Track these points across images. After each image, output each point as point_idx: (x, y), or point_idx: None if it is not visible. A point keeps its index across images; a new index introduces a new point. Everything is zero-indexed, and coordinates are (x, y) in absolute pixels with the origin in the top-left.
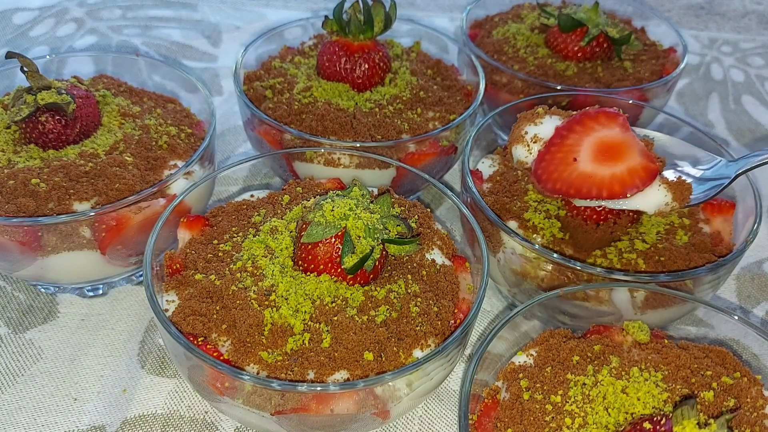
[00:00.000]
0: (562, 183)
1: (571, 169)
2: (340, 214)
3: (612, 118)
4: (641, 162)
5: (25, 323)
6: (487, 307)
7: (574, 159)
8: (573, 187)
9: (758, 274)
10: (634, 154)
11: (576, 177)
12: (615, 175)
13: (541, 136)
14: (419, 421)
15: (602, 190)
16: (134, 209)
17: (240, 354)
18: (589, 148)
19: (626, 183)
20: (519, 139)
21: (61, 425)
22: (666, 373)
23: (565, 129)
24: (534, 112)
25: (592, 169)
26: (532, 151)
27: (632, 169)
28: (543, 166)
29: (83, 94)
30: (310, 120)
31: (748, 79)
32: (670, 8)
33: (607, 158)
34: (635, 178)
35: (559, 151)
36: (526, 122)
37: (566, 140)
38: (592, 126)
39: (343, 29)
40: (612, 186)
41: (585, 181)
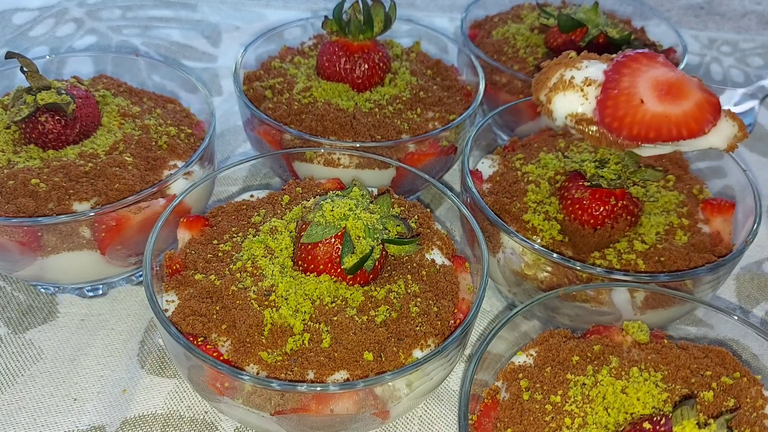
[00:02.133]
0: (639, 127)
1: (643, 112)
2: (339, 215)
3: (653, 57)
4: (704, 96)
5: (25, 323)
6: (487, 307)
7: (641, 101)
8: (652, 129)
9: (758, 274)
10: (693, 88)
11: (651, 118)
12: (687, 113)
13: (593, 79)
14: (419, 421)
15: (681, 129)
16: (134, 209)
17: (240, 354)
18: (648, 89)
19: (700, 118)
20: (566, 86)
21: (61, 425)
22: (666, 373)
23: (615, 72)
24: (568, 57)
25: (663, 108)
26: (588, 97)
27: (699, 104)
28: (609, 113)
29: (83, 94)
30: (310, 120)
31: (748, 79)
32: (669, 8)
33: (672, 97)
34: (705, 112)
35: (621, 94)
36: (562, 68)
37: (621, 83)
38: (638, 67)
39: (342, 29)
40: (689, 123)
41: (663, 122)
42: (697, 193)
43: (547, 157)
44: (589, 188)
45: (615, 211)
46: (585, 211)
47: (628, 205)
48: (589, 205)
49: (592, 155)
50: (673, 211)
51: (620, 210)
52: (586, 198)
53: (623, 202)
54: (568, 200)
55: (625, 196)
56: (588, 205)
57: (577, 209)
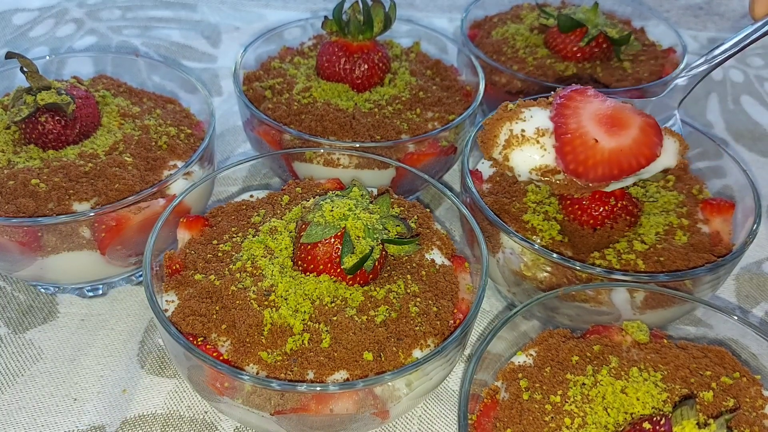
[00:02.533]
0: (602, 167)
1: (600, 151)
2: (339, 215)
3: (583, 92)
4: (643, 119)
5: (25, 323)
6: (487, 307)
7: (595, 140)
8: (614, 165)
9: (757, 274)
10: (631, 114)
11: (609, 156)
12: (636, 140)
13: (544, 128)
14: (419, 421)
15: (640, 158)
16: (134, 209)
17: (240, 354)
18: (595, 126)
19: (649, 143)
20: (521, 140)
21: (61, 425)
22: (665, 373)
23: (558, 117)
24: (507, 111)
25: (616, 142)
26: (546, 147)
27: (643, 129)
28: (571, 159)
29: (83, 94)
30: (310, 120)
31: (747, 79)
32: (669, 8)
33: (617, 128)
34: (651, 135)
35: (573, 137)
36: (506, 122)
37: (569, 126)
38: (576, 105)
39: (342, 30)
40: (642, 151)
41: (621, 156)
42: (696, 193)
43: None
44: None
45: (614, 212)
46: (584, 212)
47: (628, 205)
48: (589, 206)
49: None
50: (673, 211)
51: (620, 210)
52: (585, 198)
53: (623, 202)
54: (567, 200)
55: (624, 196)
56: (587, 205)
57: (576, 209)
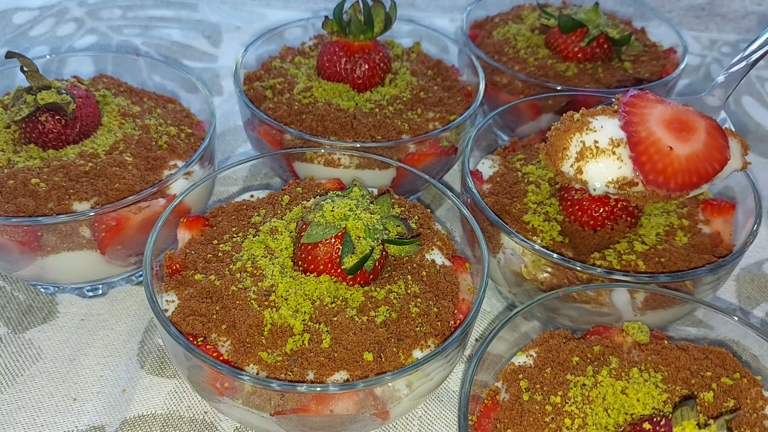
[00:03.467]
0: (682, 175)
1: (678, 158)
2: (340, 215)
3: (644, 97)
4: (707, 122)
5: (25, 323)
6: (487, 307)
7: (670, 148)
8: (693, 173)
9: (758, 275)
10: (696, 118)
11: (686, 163)
12: (707, 144)
13: (618, 137)
14: (419, 421)
15: (714, 164)
16: (134, 209)
17: (240, 354)
18: (665, 132)
19: (719, 146)
20: (596, 152)
21: (61, 425)
22: (666, 374)
23: (629, 125)
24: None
25: (690, 148)
26: (623, 159)
27: (710, 132)
28: (649, 168)
29: (83, 94)
30: (310, 120)
31: (749, 80)
32: (670, 9)
33: (686, 132)
34: (719, 138)
35: (649, 145)
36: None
37: (640, 134)
38: (642, 112)
39: (343, 29)
40: (714, 155)
41: (699, 162)
42: None
43: None
44: None
45: (615, 213)
46: (585, 212)
47: (628, 206)
48: (589, 206)
49: None
50: (673, 212)
51: (620, 211)
52: (585, 199)
53: (623, 203)
54: (568, 201)
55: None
56: (588, 206)
57: (576, 210)
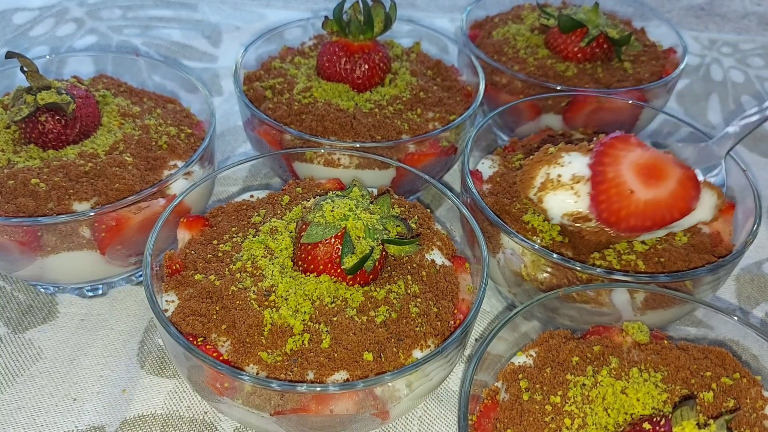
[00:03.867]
0: (635, 218)
1: (636, 202)
2: (339, 215)
3: (626, 140)
4: (682, 171)
5: (25, 323)
6: (487, 307)
7: (631, 191)
8: (647, 218)
9: (758, 275)
10: (671, 165)
11: (644, 207)
12: (673, 193)
13: (580, 174)
14: (419, 421)
15: (674, 212)
16: (134, 209)
17: (239, 354)
18: (633, 176)
19: (686, 196)
20: (556, 185)
21: (61, 425)
22: (665, 374)
23: (598, 164)
24: (547, 154)
25: (653, 194)
26: (580, 194)
27: (682, 181)
28: (604, 207)
29: (83, 94)
30: (310, 120)
31: (748, 79)
32: (670, 9)
33: (655, 179)
34: (689, 188)
35: (610, 186)
36: (544, 166)
37: (606, 175)
38: (617, 154)
39: (343, 30)
40: (678, 204)
41: (656, 208)
42: None
43: None
44: None
45: None
46: None
47: None
48: None
49: None
50: None
51: None
52: None
53: None
54: None
55: None
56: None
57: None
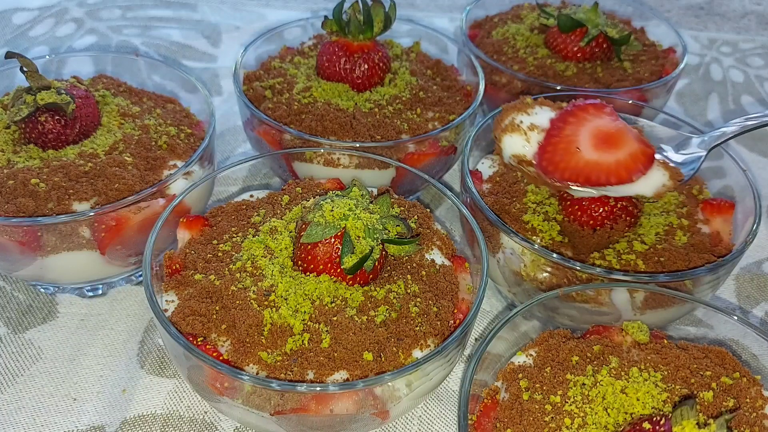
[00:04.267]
0: (570, 172)
1: (577, 159)
2: (339, 215)
3: (600, 108)
4: (640, 147)
5: (25, 323)
6: (487, 307)
7: (577, 148)
8: (582, 175)
9: (757, 275)
10: (630, 139)
11: (583, 165)
12: (619, 161)
13: (538, 125)
14: (419, 421)
15: (610, 177)
16: (134, 209)
17: (239, 354)
18: (588, 138)
19: (631, 168)
20: (514, 128)
21: (61, 425)
22: (665, 374)
23: (561, 121)
24: (523, 102)
25: (597, 157)
26: (530, 141)
27: (633, 154)
28: (547, 157)
29: (83, 94)
30: (310, 120)
31: (748, 79)
32: (669, 9)
33: (608, 146)
34: (638, 162)
35: (561, 141)
36: (515, 112)
37: (564, 131)
38: (584, 117)
39: (342, 29)
40: (618, 172)
41: (593, 169)
42: (696, 194)
43: None
44: None
45: (614, 212)
46: (584, 212)
47: (627, 206)
48: (588, 206)
49: None
50: (673, 212)
51: (619, 211)
52: (585, 199)
53: (622, 203)
54: (567, 201)
55: (624, 197)
56: (587, 206)
57: (576, 210)
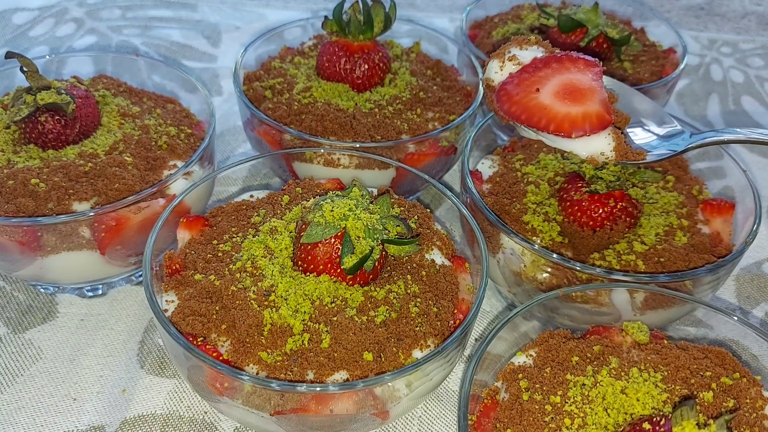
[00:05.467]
0: (517, 107)
1: (531, 98)
2: (339, 215)
3: (589, 65)
4: (597, 110)
5: (25, 323)
6: (487, 307)
7: (537, 89)
8: (525, 112)
9: (757, 275)
10: (594, 100)
11: (533, 105)
12: (569, 114)
13: (520, 59)
14: (419, 421)
15: (550, 123)
16: (134, 209)
17: (239, 354)
18: (555, 85)
19: (576, 124)
20: (498, 55)
21: (61, 425)
22: (665, 374)
23: (542, 61)
24: (526, 38)
25: (550, 102)
26: (504, 68)
27: (587, 114)
28: (507, 88)
29: (83, 94)
30: (310, 120)
31: (748, 79)
32: (669, 9)
33: (568, 98)
34: (586, 122)
35: (528, 79)
36: (513, 44)
37: (538, 72)
38: (568, 67)
39: (342, 30)
40: (562, 123)
41: (538, 111)
42: (696, 194)
43: (547, 158)
44: (588, 193)
45: (614, 213)
46: (584, 213)
47: (627, 206)
48: (588, 207)
49: None
50: (673, 212)
51: (619, 212)
52: (585, 200)
53: (622, 203)
54: (567, 202)
55: (624, 197)
56: (587, 207)
57: (576, 211)
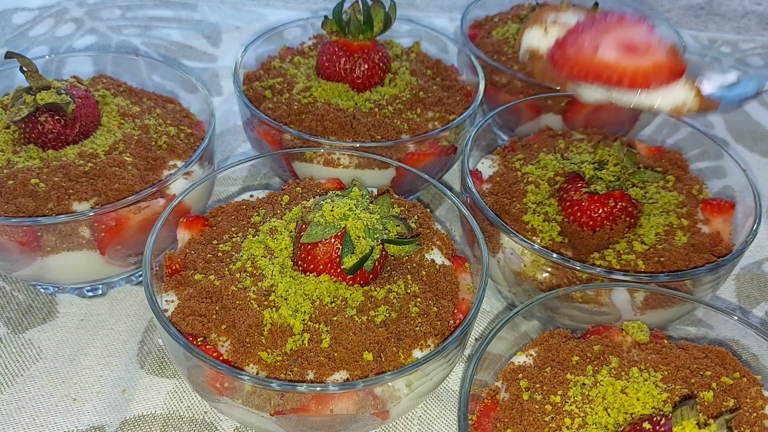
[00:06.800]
0: (581, 67)
1: (593, 56)
2: (339, 215)
3: (639, 21)
4: (667, 59)
5: (25, 323)
6: (487, 307)
7: (596, 47)
8: (592, 72)
9: (758, 275)
10: (660, 52)
11: (597, 63)
12: (639, 67)
13: (563, 22)
14: (419, 421)
15: (624, 78)
16: (134, 209)
17: (239, 354)
18: (613, 42)
19: (650, 76)
20: (536, 21)
21: (61, 425)
22: (665, 374)
23: (590, 22)
24: (559, 5)
25: (616, 58)
26: (548, 34)
27: (658, 65)
28: (562, 50)
29: (83, 94)
30: (310, 120)
31: None
32: (669, 9)
33: (630, 52)
34: (660, 74)
35: (581, 38)
36: (549, 10)
37: (590, 31)
38: (617, 25)
39: (342, 29)
40: (635, 76)
41: (607, 68)
42: (696, 194)
43: (547, 158)
44: (587, 193)
45: (614, 213)
46: (584, 213)
47: (627, 206)
48: (588, 207)
49: (591, 156)
50: (673, 212)
51: (619, 212)
52: (584, 200)
53: (622, 203)
54: (567, 202)
55: (623, 197)
56: (587, 207)
57: (576, 211)
